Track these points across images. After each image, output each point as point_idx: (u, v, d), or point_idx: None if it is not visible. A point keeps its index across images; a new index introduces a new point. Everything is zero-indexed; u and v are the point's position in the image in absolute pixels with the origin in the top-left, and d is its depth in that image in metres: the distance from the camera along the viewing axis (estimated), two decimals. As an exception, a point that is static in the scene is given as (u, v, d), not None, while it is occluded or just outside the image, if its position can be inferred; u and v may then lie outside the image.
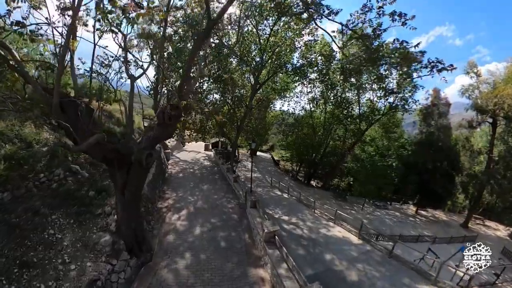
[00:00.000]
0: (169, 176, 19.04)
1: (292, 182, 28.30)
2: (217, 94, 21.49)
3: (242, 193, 14.44)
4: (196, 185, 17.29)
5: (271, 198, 21.16)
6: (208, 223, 11.98)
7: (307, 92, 28.15)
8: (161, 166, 18.42)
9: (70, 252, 9.69)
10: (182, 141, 31.77)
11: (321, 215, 19.63)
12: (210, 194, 15.68)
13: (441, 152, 27.23)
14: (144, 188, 12.44)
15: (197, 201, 14.45)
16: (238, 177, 17.18)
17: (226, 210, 13.54)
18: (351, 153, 28.56)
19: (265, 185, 24.21)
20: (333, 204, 25.97)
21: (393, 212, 28.04)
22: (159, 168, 16.74)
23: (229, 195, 15.73)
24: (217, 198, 15.04)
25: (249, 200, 12.10)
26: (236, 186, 16.14)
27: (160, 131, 8.01)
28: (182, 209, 13.28)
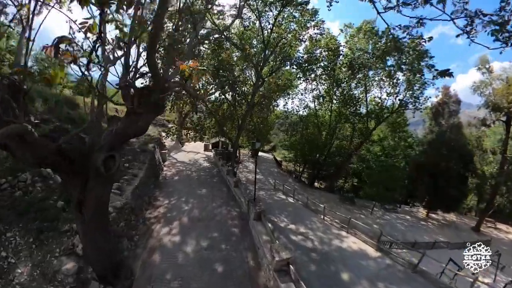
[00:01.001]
0: (163, 179, 16.56)
1: (296, 184, 25.83)
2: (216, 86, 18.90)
3: (244, 200, 11.97)
4: (192, 190, 14.78)
5: (275, 202, 18.69)
6: (204, 238, 9.51)
7: (311, 89, 25.72)
8: (155, 168, 15.97)
9: (24, 283, 7.22)
10: (180, 141, 29.30)
11: (331, 222, 17.18)
12: (207, 201, 13.18)
13: (454, 152, 24.75)
14: (127, 196, 9.98)
15: (192, 209, 11.97)
16: (239, 181, 14.71)
17: (225, 221, 11.07)
18: (357, 153, 26.09)
19: (268, 188, 21.74)
20: (341, 208, 23.49)
21: (403, 216, 25.58)
22: (150, 171, 14.29)
23: (229, 203, 13.20)
24: (215, 206, 12.54)
25: (253, 211, 9.64)
26: (237, 192, 13.66)
27: (127, 123, 5.57)
28: (174, 220, 10.82)
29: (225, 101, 21.28)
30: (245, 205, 11.62)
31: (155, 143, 20.02)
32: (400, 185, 23.40)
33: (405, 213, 26.68)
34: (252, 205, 10.25)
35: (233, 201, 13.41)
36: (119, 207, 9.21)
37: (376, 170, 21.75)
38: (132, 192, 10.51)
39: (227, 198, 13.79)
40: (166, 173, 18.02)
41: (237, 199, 13.32)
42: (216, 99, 21.24)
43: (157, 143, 21.26)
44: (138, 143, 19.55)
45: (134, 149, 16.86)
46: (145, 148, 17.20)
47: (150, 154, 16.28)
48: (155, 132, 26.30)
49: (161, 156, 20.62)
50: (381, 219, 23.83)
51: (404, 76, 25.01)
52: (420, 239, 21.84)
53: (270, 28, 18.58)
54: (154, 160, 16.33)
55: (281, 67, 21.11)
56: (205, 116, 20.43)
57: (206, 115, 20.46)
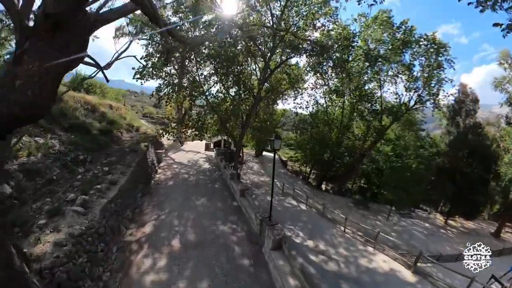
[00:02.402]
0: (155, 184, 13.25)
1: (305, 187, 22.59)
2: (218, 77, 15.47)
3: (255, 217, 8.70)
4: (188, 200, 11.42)
5: (286, 210, 15.48)
6: (201, 277, 6.25)
7: (322, 84, 22.40)
8: (145, 171, 12.65)
9: None
10: (180, 140, 25.96)
11: (353, 235, 14.00)
12: (206, 215, 9.89)
13: (475, 154, 21.58)
14: (94, 215, 6.72)
15: (187, 228, 8.69)
16: (247, 189, 11.35)
17: (230, 247, 7.81)
18: (370, 153, 22.90)
19: (276, 192, 18.45)
20: (355, 213, 20.33)
21: (419, 222, 22.43)
22: (138, 175, 11.01)
23: (234, 218, 9.86)
24: (217, 224, 9.22)
25: (270, 236, 6.39)
26: (244, 203, 10.36)
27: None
28: (161, 246, 7.57)
29: (228, 97, 17.95)
30: (257, 223, 8.36)
31: (149, 142, 16.71)
32: (422, 189, 20.18)
33: (420, 219, 23.50)
34: (267, 227, 6.99)
35: (239, 216, 10.12)
36: (77, 235, 5.91)
37: (396, 172, 18.53)
38: (104, 208, 7.24)
39: (231, 211, 10.47)
40: (159, 176, 14.70)
41: (244, 213, 10.05)
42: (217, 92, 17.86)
43: (152, 142, 17.94)
44: (129, 141, 16.26)
45: (123, 149, 13.54)
46: (137, 147, 13.90)
47: (141, 155, 12.99)
48: (152, 130, 23.00)
49: (156, 157, 17.33)
50: (398, 226, 20.68)
51: (423, 70, 21.87)
52: (443, 250, 18.72)
53: (281, 9, 15.29)
54: (145, 161, 13.06)
55: (291, 57, 17.74)
56: (205, 111, 17.06)
57: (207, 110, 17.10)
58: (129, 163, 11.07)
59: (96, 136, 14.18)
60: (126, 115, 22.98)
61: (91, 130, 14.60)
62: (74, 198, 7.66)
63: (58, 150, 10.71)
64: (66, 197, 7.86)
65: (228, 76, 14.28)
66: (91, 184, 8.59)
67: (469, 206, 21.70)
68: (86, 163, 10.73)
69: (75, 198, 7.63)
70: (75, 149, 11.30)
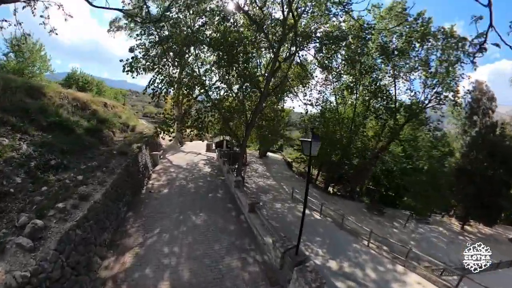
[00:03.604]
0: (147, 193, 10.81)
1: (314, 191, 20.27)
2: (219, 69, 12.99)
3: (273, 245, 6.31)
4: (184, 214, 9.14)
5: (298, 220, 13.02)
6: None
7: (333, 80, 20.02)
8: (134, 178, 10.27)
9: None
10: (180, 140, 23.56)
11: (379, 250, 11.75)
12: (207, 239, 7.58)
13: (497, 155, 19.34)
14: (46, 252, 4.33)
15: (180, 260, 6.21)
16: (257, 203, 8.81)
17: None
18: (384, 154, 20.64)
19: (285, 198, 16.17)
20: (370, 220, 18.03)
21: (436, 228, 20.20)
22: (123, 183, 8.61)
23: (243, 243, 7.39)
24: (221, 253, 6.83)
25: (302, 285, 4.03)
26: (256, 222, 7.87)
27: None
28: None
29: (231, 93, 15.54)
30: (276, 255, 5.99)
31: (143, 143, 14.31)
32: (445, 195, 17.93)
33: (436, 224, 21.24)
34: (296, 270, 4.62)
35: (250, 239, 7.63)
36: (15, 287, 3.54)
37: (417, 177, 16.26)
38: (64, 238, 4.90)
39: (239, 233, 7.96)
40: (153, 183, 12.27)
41: (256, 236, 7.61)
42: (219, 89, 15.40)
43: (148, 142, 15.53)
44: (121, 142, 13.84)
45: (111, 151, 11.09)
46: (126, 149, 11.49)
47: (131, 158, 10.60)
48: (150, 130, 20.59)
49: (151, 159, 14.93)
50: (415, 233, 18.44)
51: (440, 65, 19.59)
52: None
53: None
54: (135, 166, 10.68)
55: (302, 48, 15.32)
56: (206, 108, 14.62)
57: (208, 107, 14.67)
58: (113, 168, 8.68)
59: (80, 136, 11.75)
60: (121, 113, 20.55)
61: (76, 129, 12.17)
62: (27, 221, 5.30)
63: (25, 153, 8.31)
64: (18, 219, 5.52)
65: (232, 65, 11.87)
66: (55, 200, 6.21)
67: (489, 210, 19.47)
68: (59, 170, 8.34)
69: (28, 221, 5.26)
70: (48, 152, 8.90)
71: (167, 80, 13.19)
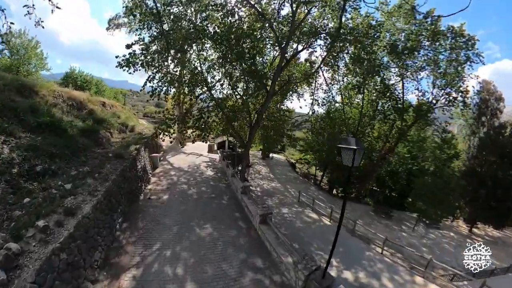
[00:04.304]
0: (145, 200, 9.75)
1: (320, 193, 19.33)
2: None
3: (293, 265, 5.31)
4: (187, 226, 8.05)
5: (308, 227, 12.22)
6: None
7: (338, 80, 19.06)
8: (131, 184, 9.24)
9: None
10: (180, 141, 22.49)
11: (393, 258, 10.88)
12: (214, 257, 6.44)
13: (508, 158, 18.49)
14: (22, 285, 3.24)
15: (185, 285, 5.20)
16: (270, 214, 7.73)
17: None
18: (391, 155, 19.76)
19: (291, 202, 15.21)
20: (378, 224, 17.14)
21: (447, 233, 19.36)
22: (116, 192, 7.57)
23: (256, 261, 6.43)
24: (232, 274, 5.81)
25: None
26: (269, 236, 6.73)
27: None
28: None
29: (235, 92, 14.49)
30: (296, 277, 5.02)
31: (142, 144, 13.25)
32: (458, 198, 17.06)
33: (445, 227, 20.38)
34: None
35: (263, 256, 6.52)
36: None
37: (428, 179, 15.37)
38: (42, 268, 3.86)
39: (250, 248, 6.96)
40: (153, 187, 11.21)
41: (270, 252, 6.55)
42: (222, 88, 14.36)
43: (147, 144, 14.46)
44: (118, 144, 12.78)
45: (105, 154, 10.04)
46: (123, 152, 10.44)
47: (128, 162, 9.56)
48: (150, 130, 19.51)
49: (151, 162, 13.88)
50: (426, 238, 17.57)
51: (449, 65, 18.71)
52: None
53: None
54: (132, 170, 9.64)
55: (311, 44, 14.29)
56: (209, 107, 13.58)
57: (211, 106, 13.63)
58: (107, 174, 7.64)
59: (73, 137, 10.67)
60: (120, 113, 19.43)
61: (69, 130, 11.07)
62: (0, 245, 4.28)
63: (7, 158, 7.25)
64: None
65: (239, 61, 10.79)
66: (36, 216, 5.19)
67: (498, 213, 18.65)
68: (46, 177, 7.30)
69: (1, 246, 4.24)
70: (34, 156, 7.84)
71: (167, 78, 12.14)
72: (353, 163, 4.22)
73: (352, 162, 4.21)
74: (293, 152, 33.20)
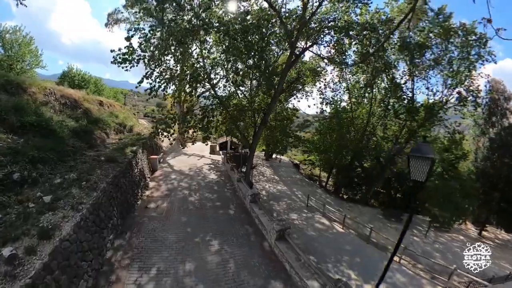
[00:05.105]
0: (141, 209, 8.49)
1: (327, 196, 18.24)
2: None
3: (318, 286, 4.14)
4: (190, 243, 6.74)
5: (321, 235, 11.10)
6: None
7: (347, 77, 17.95)
8: (126, 192, 8.03)
9: None
10: (181, 141, 21.24)
11: (413, 268, 9.88)
12: (226, 284, 5.24)
13: (519, 158, 17.56)
14: None
15: None
16: (287, 229, 6.34)
17: None
18: (401, 156, 18.71)
19: (300, 207, 14.09)
20: (388, 228, 16.08)
21: (456, 236, 18.40)
22: (106, 204, 6.37)
23: (275, 286, 5.27)
24: None
25: None
26: (288, 256, 5.43)
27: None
28: None
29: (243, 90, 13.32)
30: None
31: (140, 146, 12.04)
32: (474, 203, 16.05)
33: (456, 232, 19.41)
34: None
35: (283, 282, 5.19)
36: None
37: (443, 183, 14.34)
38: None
39: (267, 271, 5.76)
40: (151, 193, 9.98)
41: (290, 275, 5.31)
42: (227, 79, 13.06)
43: (145, 145, 13.24)
44: (114, 145, 11.57)
45: (97, 158, 8.80)
46: (117, 155, 9.22)
47: (123, 166, 8.36)
48: (150, 130, 18.25)
49: (149, 164, 12.66)
50: (437, 243, 16.59)
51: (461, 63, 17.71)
52: (487, 268, 14.67)
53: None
54: (128, 176, 8.43)
55: (318, 39, 13.11)
56: (212, 106, 12.36)
57: (214, 105, 12.41)
58: (95, 182, 6.44)
59: (62, 139, 9.44)
60: (118, 113, 18.15)
61: (58, 130, 9.82)
62: None
63: (-22, 164, 6.06)
64: None
65: (249, 51, 9.56)
66: (3, 241, 4.02)
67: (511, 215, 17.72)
68: (24, 186, 6.10)
69: None
70: (12, 161, 6.63)
71: (166, 74, 10.92)
72: (428, 177, 3.11)
73: (426, 176, 3.09)
74: (295, 153, 32.11)
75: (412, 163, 3.20)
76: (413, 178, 3.28)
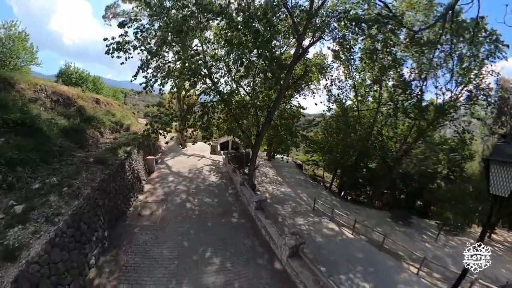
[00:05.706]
0: (133, 217, 7.57)
1: (333, 199, 17.38)
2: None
3: None
4: (188, 261, 5.75)
5: (329, 241, 10.23)
6: None
7: (353, 75, 17.08)
8: (116, 198, 7.13)
9: None
10: (181, 141, 20.36)
11: (431, 279, 9.09)
12: None
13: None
14: None
15: None
16: (302, 244, 5.26)
17: None
18: (408, 156, 17.92)
19: (305, 210, 13.21)
20: (397, 232, 15.24)
21: (466, 239, 17.58)
22: (90, 214, 5.48)
23: None
24: None
25: None
26: (304, 276, 4.45)
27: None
28: None
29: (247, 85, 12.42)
30: None
31: (136, 146, 11.14)
32: (488, 206, 15.22)
33: (465, 235, 18.59)
34: None
35: None
36: None
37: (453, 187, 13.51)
38: None
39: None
40: (145, 198, 9.07)
41: None
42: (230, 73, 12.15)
43: (141, 145, 12.33)
44: (105, 146, 10.67)
45: (85, 159, 7.88)
46: (107, 157, 8.31)
47: (113, 169, 7.45)
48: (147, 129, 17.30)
49: (146, 165, 11.75)
50: (448, 247, 15.78)
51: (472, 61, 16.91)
52: (499, 274, 13.90)
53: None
54: (118, 179, 7.52)
55: (324, 33, 12.15)
56: (212, 103, 11.48)
57: (215, 101, 11.53)
58: (79, 188, 5.54)
59: (49, 138, 8.53)
60: (116, 111, 17.24)
61: (45, 129, 8.90)
62: None
63: None
64: None
65: (255, 39, 8.61)
66: None
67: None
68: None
69: None
70: (-16, 163, 5.75)
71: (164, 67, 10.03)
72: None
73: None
74: (296, 153, 31.24)
75: (494, 169, 2.33)
76: (492, 192, 2.40)
